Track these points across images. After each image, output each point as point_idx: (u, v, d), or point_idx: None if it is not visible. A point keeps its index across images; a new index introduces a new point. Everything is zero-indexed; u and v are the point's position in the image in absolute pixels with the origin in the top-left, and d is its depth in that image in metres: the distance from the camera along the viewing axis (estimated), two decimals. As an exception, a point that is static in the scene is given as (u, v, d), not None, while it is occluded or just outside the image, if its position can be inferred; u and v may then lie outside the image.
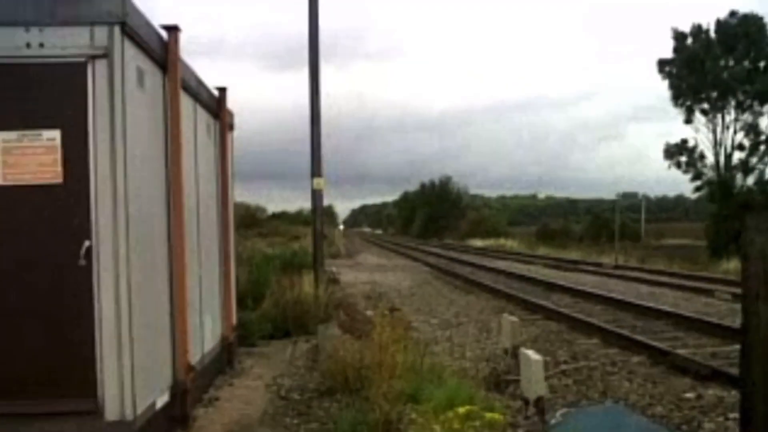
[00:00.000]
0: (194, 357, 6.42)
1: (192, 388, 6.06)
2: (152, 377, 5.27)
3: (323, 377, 7.42)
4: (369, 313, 12.06)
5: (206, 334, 7.30)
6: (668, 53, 47.26)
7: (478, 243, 59.47)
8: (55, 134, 4.66)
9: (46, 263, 4.70)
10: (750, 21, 44.98)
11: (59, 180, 4.67)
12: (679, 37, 46.69)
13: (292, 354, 9.28)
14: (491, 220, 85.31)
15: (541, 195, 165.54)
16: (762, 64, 44.67)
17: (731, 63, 45.18)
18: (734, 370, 7.14)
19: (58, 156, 4.66)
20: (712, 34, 45.67)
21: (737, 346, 5.87)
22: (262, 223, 55.13)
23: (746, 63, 44.92)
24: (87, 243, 4.65)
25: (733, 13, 45.60)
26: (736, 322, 8.27)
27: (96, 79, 4.66)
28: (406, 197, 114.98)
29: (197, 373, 6.41)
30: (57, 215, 4.69)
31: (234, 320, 8.95)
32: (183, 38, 5.96)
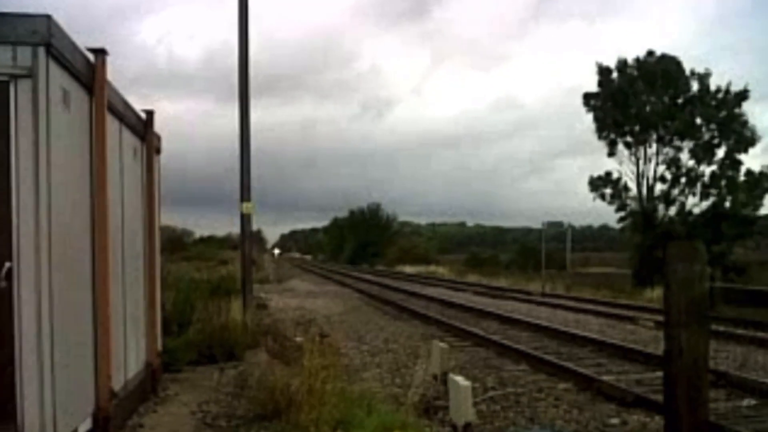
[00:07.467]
0: (117, 383, 6.24)
1: (115, 414, 5.88)
2: (74, 403, 5.10)
3: (251, 404, 7.28)
4: (298, 339, 11.95)
5: (130, 359, 7.11)
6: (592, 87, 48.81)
7: (408, 270, 59.60)
8: (-25, 153, 4.51)
9: (-35, 285, 4.51)
10: (668, 60, 46.79)
11: (-21, 200, 4.50)
12: (603, 71, 48.16)
13: (218, 380, 9.09)
14: (422, 247, 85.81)
15: (471, 223, 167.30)
16: (680, 101, 46.45)
17: (653, 99, 46.79)
18: (658, 397, 7.30)
19: (-22, 175, 4.50)
20: (635, 71, 47.29)
21: (660, 373, 5.99)
22: (189, 247, 54.47)
23: (666, 99, 46.62)
24: (8, 264, 4.50)
25: (650, 53, 47.38)
26: (659, 350, 8.47)
27: (18, 98, 4.56)
28: (335, 223, 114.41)
29: (121, 400, 6.24)
30: (-24, 235, 4.51)
31: (159, 345, 8.73)
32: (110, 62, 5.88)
